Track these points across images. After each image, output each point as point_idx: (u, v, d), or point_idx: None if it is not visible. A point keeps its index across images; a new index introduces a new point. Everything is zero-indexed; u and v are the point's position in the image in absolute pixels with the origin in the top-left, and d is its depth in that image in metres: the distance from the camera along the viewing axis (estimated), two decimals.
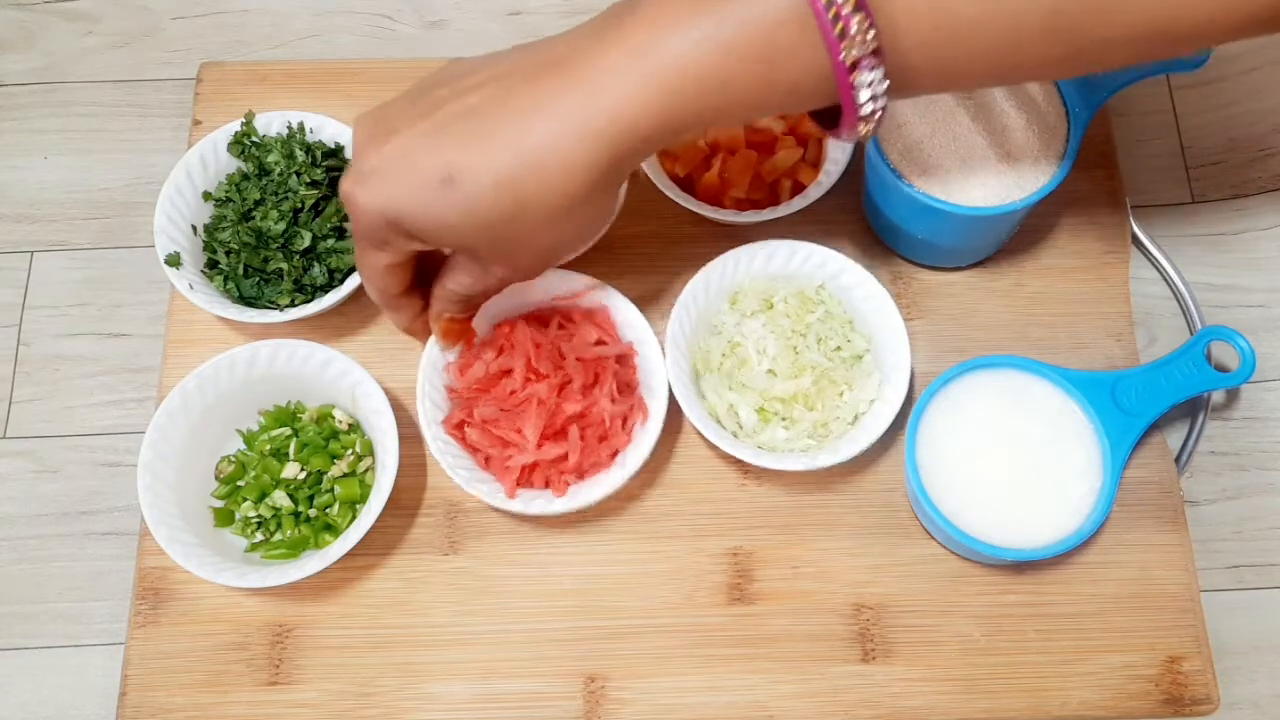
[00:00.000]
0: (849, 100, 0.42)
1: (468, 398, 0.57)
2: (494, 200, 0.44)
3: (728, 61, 0.41)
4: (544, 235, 0.46)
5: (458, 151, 0.44)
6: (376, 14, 0.75)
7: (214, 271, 0.62)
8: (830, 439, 0.57)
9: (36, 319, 0.67)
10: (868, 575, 0.58)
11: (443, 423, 0.57)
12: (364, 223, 0.47)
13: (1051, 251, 0.64)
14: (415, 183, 0.44)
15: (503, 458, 0.56)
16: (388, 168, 0.45)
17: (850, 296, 0.59)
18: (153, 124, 0.71)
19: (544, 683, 0.56)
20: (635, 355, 0.58)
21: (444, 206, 0.44)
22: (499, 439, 0.56)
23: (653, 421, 0.56)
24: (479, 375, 0.57)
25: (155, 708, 0.56)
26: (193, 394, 0.57)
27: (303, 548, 0.57)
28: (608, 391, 0.56)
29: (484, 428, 0.56)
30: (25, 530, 0.62)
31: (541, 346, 0.56)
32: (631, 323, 0.58)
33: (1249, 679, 0.60)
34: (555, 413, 0.55)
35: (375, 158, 0.45)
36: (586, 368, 0.56)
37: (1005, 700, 0.56)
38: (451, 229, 0.45)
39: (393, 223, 0.46)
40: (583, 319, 0.58)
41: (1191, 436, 0.62)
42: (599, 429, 0.56)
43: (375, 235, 0.47)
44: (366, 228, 0.47)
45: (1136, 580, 0.58)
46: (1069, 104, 0.57)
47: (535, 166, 0.43)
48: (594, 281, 0.58)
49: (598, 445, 0.56)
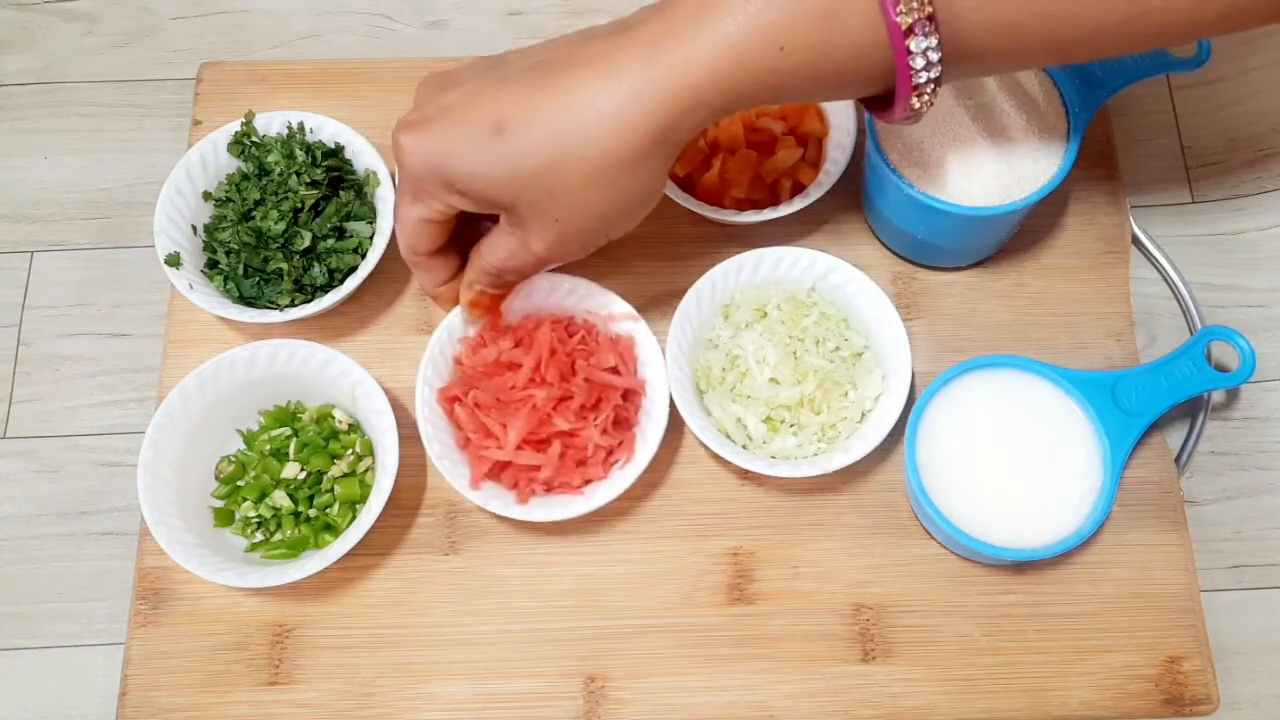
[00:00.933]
0: (904, 67, 0.42)
1: (470, 376, 0.57)
2: (540, 151, 0.43)
3: (786, 25, 0.41)
4: (588, 196, 0.45)
5: (513, 103, 0.43)
6: (376, 14, 0.75)
7: (214, 271, 0.62)
8: (840, 439, 0.57)
9: (36, 319, 0.67)
10: (868, 575, 0.58)
11: (440, 390, 0.57)
12: (408, 169, 0.46)
13: (1051, 251, 0.64)
14: (466, 130, 0.44)
15: (480, 445, 0.56)
16: (442, 115, 0.45)
17: (842, 294, 0.59)
18: (153, 124, 0.71)
19: (544, 683, 0.56)
20: (642, 395, 0.58)
21: (490, 155, 0.44)
22: (483, 427, 0.56)
23: (633, 466, 0.55)
24: (488, 359, 0.57)
25: (155, 708, 0.56)
26: (193, 394, 0.57)
27: (303, 548, 0.57)
28: (602, 423, 0.55)
29: (474, 411, 0.56)
30: (25, 530, 0.62)
31: (557, 354, 0.56)
32: (651, 363, 0.57)
33: (1249, 679, 0.60)
34: (545, 422, 0.55)
35: (432, 106, 0.45)
36: (591, 390, 0.56)
37: (1005, 700, 0.56)
38: (494, 181, 0.45)
39: (436, 171, 0.45)
40: (607, 343, 0.58)
41: (1191, 436, 0.62)
42: (579, 453, 0.56)
43: (417, 184, 0.46)
44: (410, 175, 0.46)
45: (1136, 580, 0.58)
46: (1069, 104, 0.57)
47: (586, 120, 0.43)
48: (633, 312, 0.58)
49: (574, 469, 0.56)
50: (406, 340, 0.63)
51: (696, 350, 0.59)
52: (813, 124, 0.62)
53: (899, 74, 0.42)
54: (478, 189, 0.45)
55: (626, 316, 0.58)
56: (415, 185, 0.47)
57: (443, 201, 0.47)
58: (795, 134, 0.62)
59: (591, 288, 0.58)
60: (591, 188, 0.45)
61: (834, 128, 0.62)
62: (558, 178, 0.44)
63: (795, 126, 0.62)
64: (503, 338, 0.57)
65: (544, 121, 0.43)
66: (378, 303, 0.64)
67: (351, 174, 0.63)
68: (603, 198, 0.45)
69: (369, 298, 0.64)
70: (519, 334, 0.57)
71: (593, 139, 0.43)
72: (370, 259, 0.60)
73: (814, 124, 0.62)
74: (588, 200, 0.46)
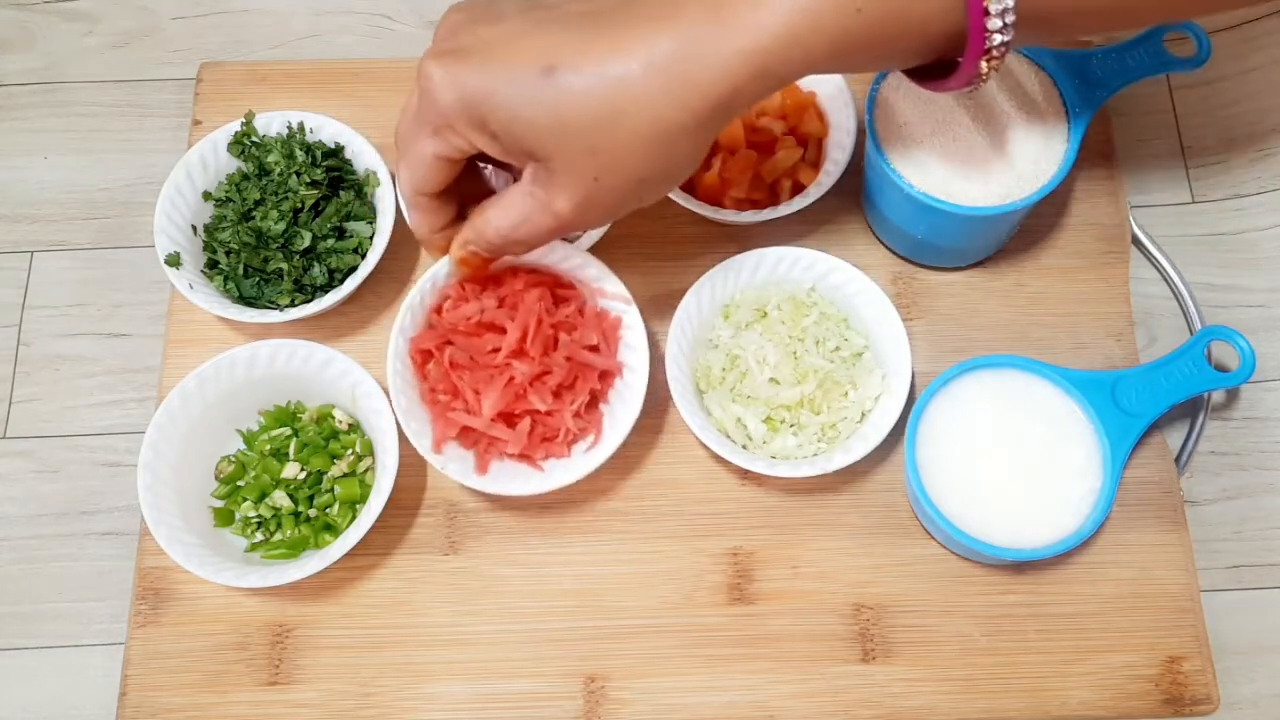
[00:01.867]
0: (978, 29, 0.40)
1: (446, 330, 0.55)
2: (591, 102, 0.40)
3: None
4: (633, 158, 0.42)
5: (567, 45, 0.40)
6: (376, 14, 0.75)
7: (214, 271, 0.62)
8: (840, 439, 0.57)
9: (36, 319, 0.67)
10: (868, 575, 0.58)
11: (413, 339, 0.54)
12: (436, 101, 0.42)
13: (1051, 251, 0.64)
14: (513, 67, 0.41)
15: (447, 406, 0.54)
16: (483, 48, 0.41)
17: (842, 294, 0.59)
18: (153, 124, 0.71)
19: (544, 683, 0.56)
20: (617, 377, 0.56)
21: (537, 98, 0.40)
22: (453, 387, 0.54)
23: (600, 449, 0.55)
24: (469, 315, 0.54)
25: (155, 708, 0.56)
26: (193, 394, 0.57)
27: (303, 548, 0.57)
28: (577, 406, 0.55)
29: (447, 369, 0.54)
30: (25, 530, 0.62)
31: (544, 324, 0.54)
32: (635, 347, 0.56)
33: (1249, 679, 0.60)
34: (519, 398, 0.54)
35: (470, 37, 0.42)
36: (570, 369, 0.55)
37: (1005, 700, 0.56)
38: (536, 126, 0.41)
39: (470, 107, 0.42)
40: (592, 317, 0.56)
41: (1191, 436, 0.62)
42: (550, 432, 0.55)
43: (441, 119, 0.43)
44: (434, 108, 0.43)
45: (1136, 580, 0.58)
46: (1069, 104, 0.57)
47: (645, 77, 0.40)
48: (626, 294, 0.56)
49: (539, 444, 0.55)
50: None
51: (696, 350, 0.59)
52: (813, 124, 0.62)
53: (971, 37, 0.41)
54: (516, 132, 0.42)
55: (619, 297, 0.56)
56: (440, 119, 0.43)
57: (467, 140, 0.44)
58: (795, 134, 0.62)
59: (588, 258, 0.55)
60: (639, 149, 0.42)
61: (834, 128, 0.62)
62: (606, 133, 0.41)
63: (795, 126, 0.62)
64: (485, 293, 0.54)
65: (599, 71, 0.40)
66: (378, 303, 0.64)
67: (351, 174, 0.63)
68: (647, 163, 0.42)
69: (369, 298, 0.64)
70: (504, 292, 0.54)
71: (649, 98, 0.40)
72: (370, 259, 0.60)
73: (814, 124, 0.62)
74: (632, 163, 0.42)
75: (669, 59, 0.40)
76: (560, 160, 0.43)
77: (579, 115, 0.41)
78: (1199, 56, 0.59)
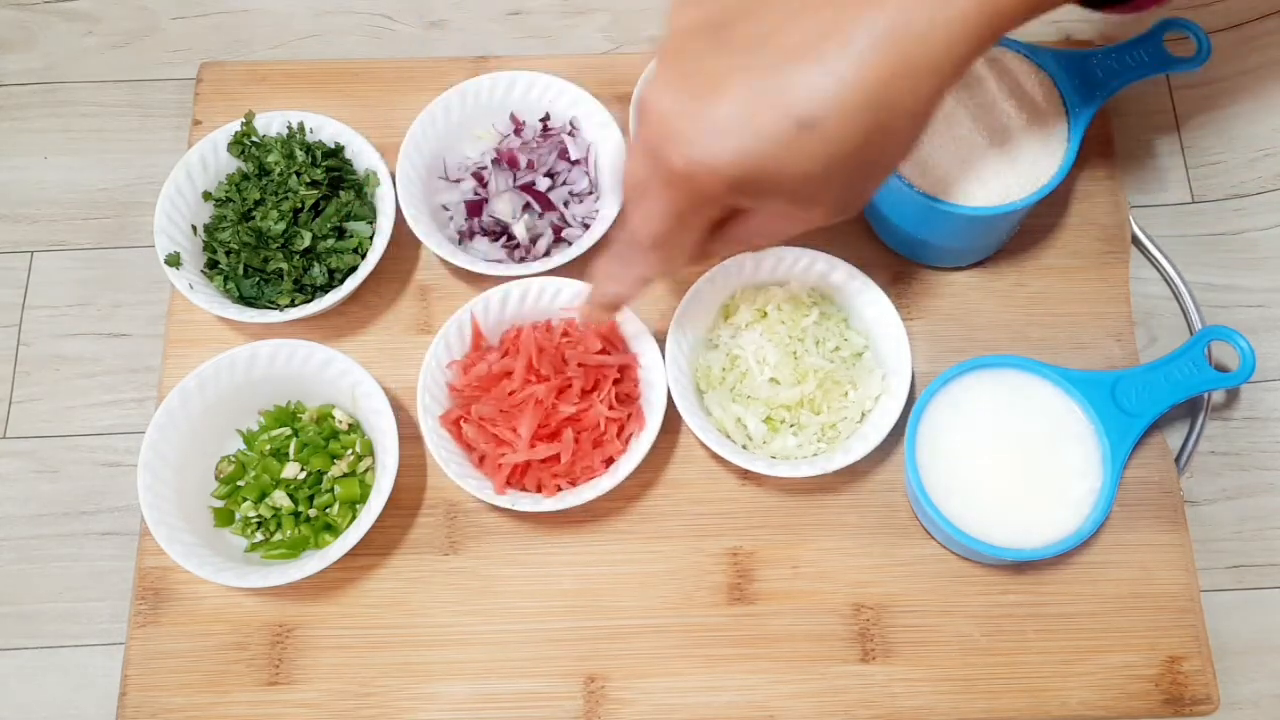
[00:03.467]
0: None
1: (468, 395, 0.58)
2: (857, 130, 0.39)
3: None
4: (899, 153, 0.42)
5: (804, 89, 0.39)
6: (376, 14, 0.75)
7: (214, 271, 0.62)
8: (840, 440, 0.57)
9: (36, 319, 0.67)
10: (868, 575, 0.58)
11: (440, 417, 0.57)
12: (703, 188, 0.41)
13: (1051, 251, 0.64)
14: (767, 136, 0.39)
15: (495, 455, 0.56)
16: (729, 126, 0.40)
17: (842, 294, 0.59)
18: (153, 124, 0.71)
19: (544, 683, 0.56)
20: (637, 367, 0.58)
21: (804, 154, 0.39)
22: (494, 437, 0.56)
23: (647, 432, 0.56)
24: (482, 374, 0.57)
25: (155, 708, 0.56)
26: (193, 394, 0.57)
27: (303, 548, 0.57)
28: (606, 398, 0.56)
29: (480, 425, 0.57)
30: (25, 530, 0.62)
31: (545, 351, 0.57)
32: (637, 335, 0.58)
33: (1249, 679, 0.60)
34: (551, 413, 0.56)
35: (704, 120, 0.40)
36: (588, 374, 0.57)
37: (1005, 700, 0.56)
38: (811, 178, 0.40)
39: (739, 184, 0.41)
40: (590, 330, 0.59)
41: (1191, 436, 0.62)
42: (594, 433, 0.56)
43: (711, 199, 0.42)
44: (703, 193, 0.42)
45: (1136, 580, 0.58)
46: (1069, 104, 0.57)
47: (892, 86, 0.39)
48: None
49: (591, 450, 0.56)
50: (406, 340, 0.63)
51: (696, 350, 0.59)
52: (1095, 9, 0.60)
53: None
54: (787, 190, 0.41)
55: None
56: (710, 200, 0.42)
57: (724, 207, 0.43)
58: None
59: (560, 283, 0.59)
60: (902, 145, 0.41)
61: None
62: (872, 152, 0.40)
63: None
64: (490, 353, 0.58)
65: (847, 99, 0.38)
66: (378, 303, 0.64)
67: (351, 174, 0.63)
68: (909, 145, 0.42)
69: (369, 298, 0.64)
70: (504, 345, 0.59)
71: (900, 103, 0.39)
72: (370, 259, 0.60)
73: None
74: (897, 156, 0.42)
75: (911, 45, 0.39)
76: (834, 187, 0.42)
77: (848, 146, 0.40)
78: (1199, 56, 0.59)
